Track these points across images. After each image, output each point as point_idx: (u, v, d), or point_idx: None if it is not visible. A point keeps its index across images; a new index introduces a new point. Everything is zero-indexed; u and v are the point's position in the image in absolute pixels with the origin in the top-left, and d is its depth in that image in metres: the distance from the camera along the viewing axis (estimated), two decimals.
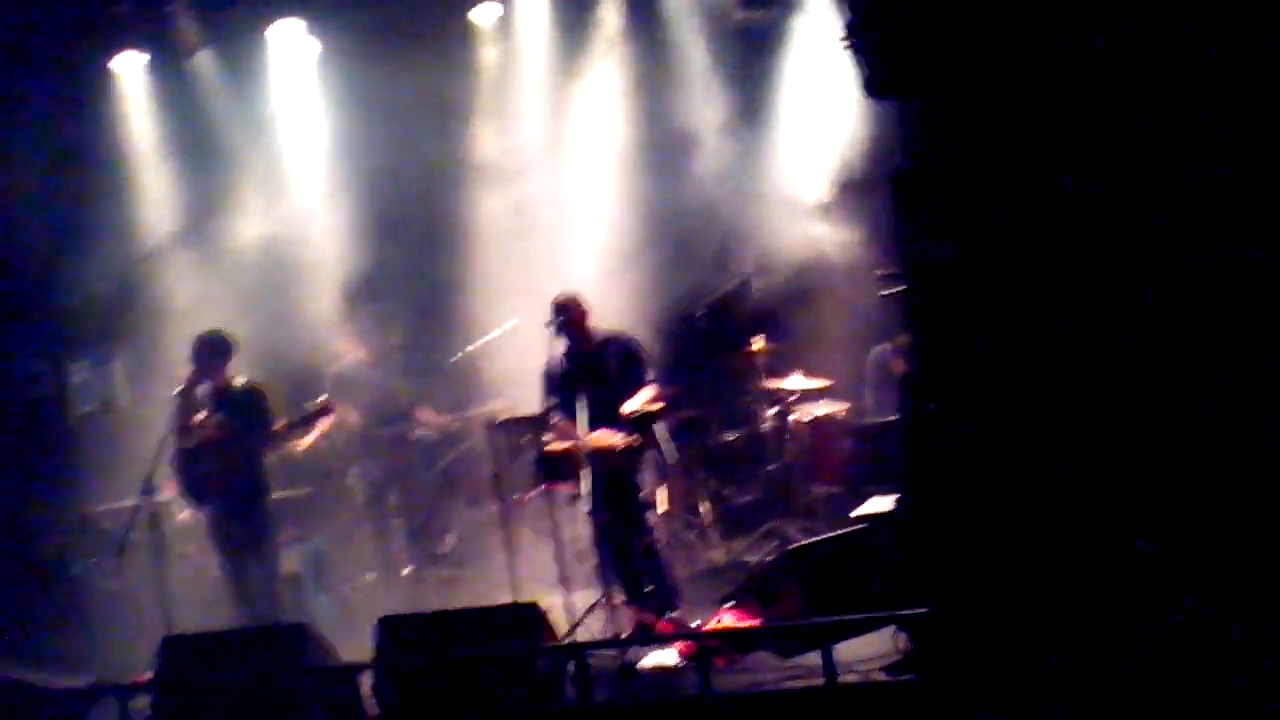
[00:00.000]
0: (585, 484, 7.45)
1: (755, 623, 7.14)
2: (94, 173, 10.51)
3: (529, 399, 8.67)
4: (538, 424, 8.13)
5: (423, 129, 10.45)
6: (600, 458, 7.58)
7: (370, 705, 6.83)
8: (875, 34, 6.40)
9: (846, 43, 6.52)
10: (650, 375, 8.11)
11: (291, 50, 10.68)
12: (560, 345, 8.06)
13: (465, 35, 10.76)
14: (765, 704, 6.34)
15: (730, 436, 10.47)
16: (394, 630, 6.99)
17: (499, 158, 10.64)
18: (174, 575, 8.47)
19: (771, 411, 9.76)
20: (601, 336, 8.12)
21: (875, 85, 6.48)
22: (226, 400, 8.68)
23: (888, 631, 6.56)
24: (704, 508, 10.25)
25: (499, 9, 10.72)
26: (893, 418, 9.26)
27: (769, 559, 9.09)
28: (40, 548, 9.22)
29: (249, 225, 10.69)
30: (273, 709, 6.81)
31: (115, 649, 8.74)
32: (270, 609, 8.62)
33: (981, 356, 6.10)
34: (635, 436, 7.89)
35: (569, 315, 7.96)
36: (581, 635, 7.47)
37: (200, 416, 8.63)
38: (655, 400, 8.03)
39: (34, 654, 8.19)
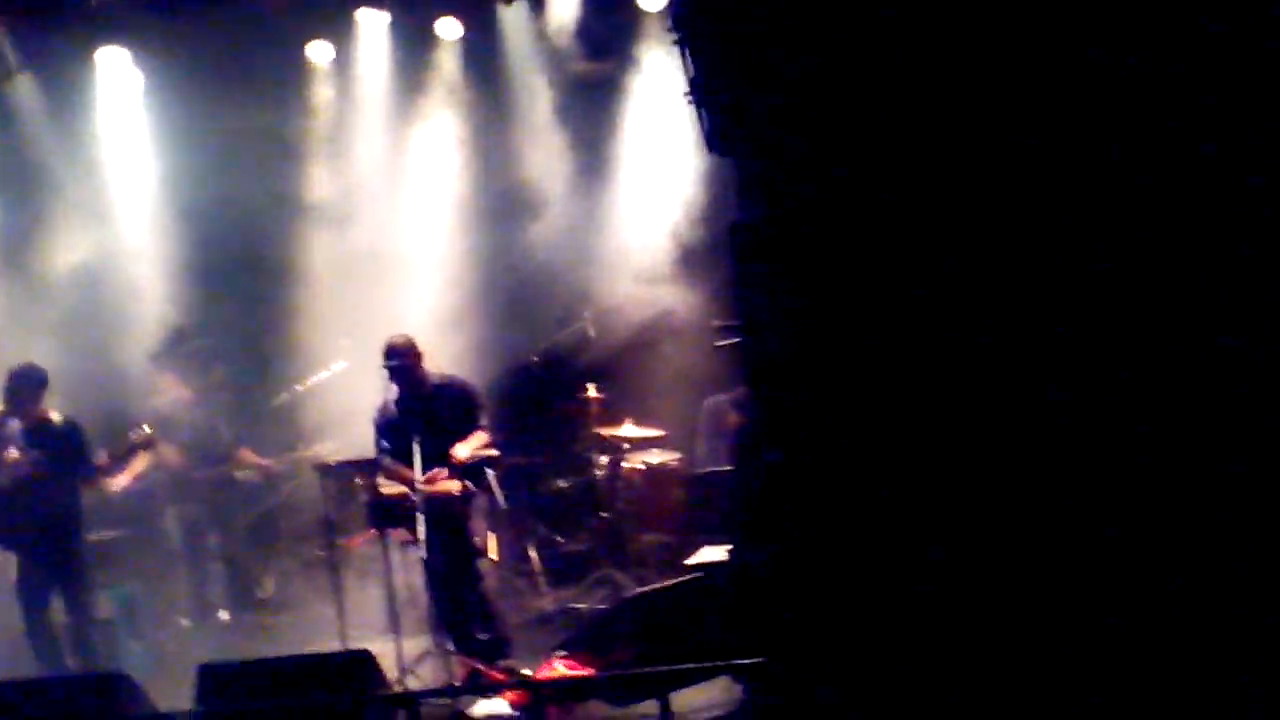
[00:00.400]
0: (420, 529, 7.32)
1: (589, 672, 7.10)
2: None
3: (355, 443, 8.59)
4: (368, 467, 8.01)
5: (253, 166, 10.33)
6: (435, 503, 7.49)
7: None
8: (716, 91, 6.53)
9: (689, 99, 6.65)
10: (484, 420, 8.07)
11: (117, 79, 10.35)
12: (393, 389, 7.95)
13: (300, 72, 10.58)
14: None
15: (562, 484, 10.45)
16: (215, 678, 6.71)
17: (332, 199, 10.51)
18: None
19: (604, 459, 9.77)
20: (436, 380, 8.05)
21: (715, 141, 6.61)
22: (43, 436, 8.38)
23: (722, 681, 6.61)
24: (533, 555, 10.21)
25: (332, 50, 10.56)
26: (725, 468, 9.36)
27: (603, 607, 9.14)
28: None
29: (66, 254, 10.32)
30: None
31: None
32: (82, 656, 8.32)
33: (819, 408, 6.23)
34: (468, 482, 7.83)
35: (403, 359, 7.86)
36: (412, 683, 7.34)
37: (12, 454, 8.28)
38: (487, 446, 7.98)
39: None
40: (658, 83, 10.19)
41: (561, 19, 10.23)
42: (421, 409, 7.89)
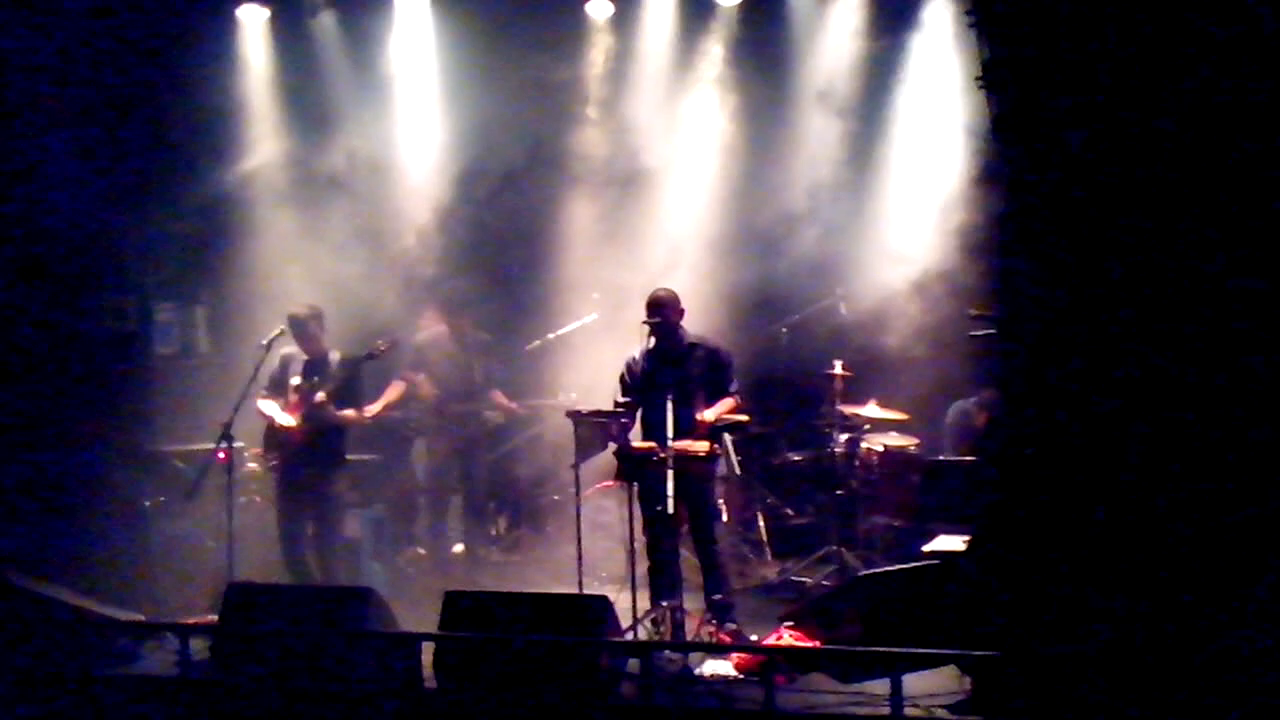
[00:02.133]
0: (669, 485, 7.44)
1: (818, 644, 7.14)
2: (199, 116, 10.56)
3: (598, 394, 8.79)
4: (612, 420, 8.17)
5: (529, 118, 10.59)
6: (683, 461, 7.61)
7: (429, 678, 6.86)
8: (1009, 77, 6.45)
9: (980, 83, 6.58)
10: (734, 386, 8.15)
11: (413, 22, 10.78)
12: (641, 344, 8.11)
13: (581, 29, 10.83)
14: None
15: (796, 457, 10.50)
16: (460, 605, 7.02)
17: (600, 158, 10.68)
18: (238, 523, 8.56)
19: (844, 437, 9.75)
20: (691, 340, 8.15)
21: (1003, 127, 6.53)
22: (322, 371, 8.86)
23: (950, 670, 6.56)
24: (761, 524, 10.30)
25: (611, 7, 10.78)
26: (967, 458, 9.25)
27: (828, 583, 9.16)
28: (112, 481, 9.28)
29: (343, 193, 10.72)
30: (333, 668, 6.85)
31: (172, 589, 8.88)
32: (326, 571, 8.76)
33: (1073, 402, 6.12)
34: (714, 444, 7.94)
35: (665, 313, 7.99)
36: (641, 634, 7.48)
37: (298, 384, 8.81)
38: (734, 411, 8.07)
39: (92, 584, 8.21)
40: (935, 65, 10.14)
41: None
42: (674, 366, 8.03)
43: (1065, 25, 6.10)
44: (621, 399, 8.11)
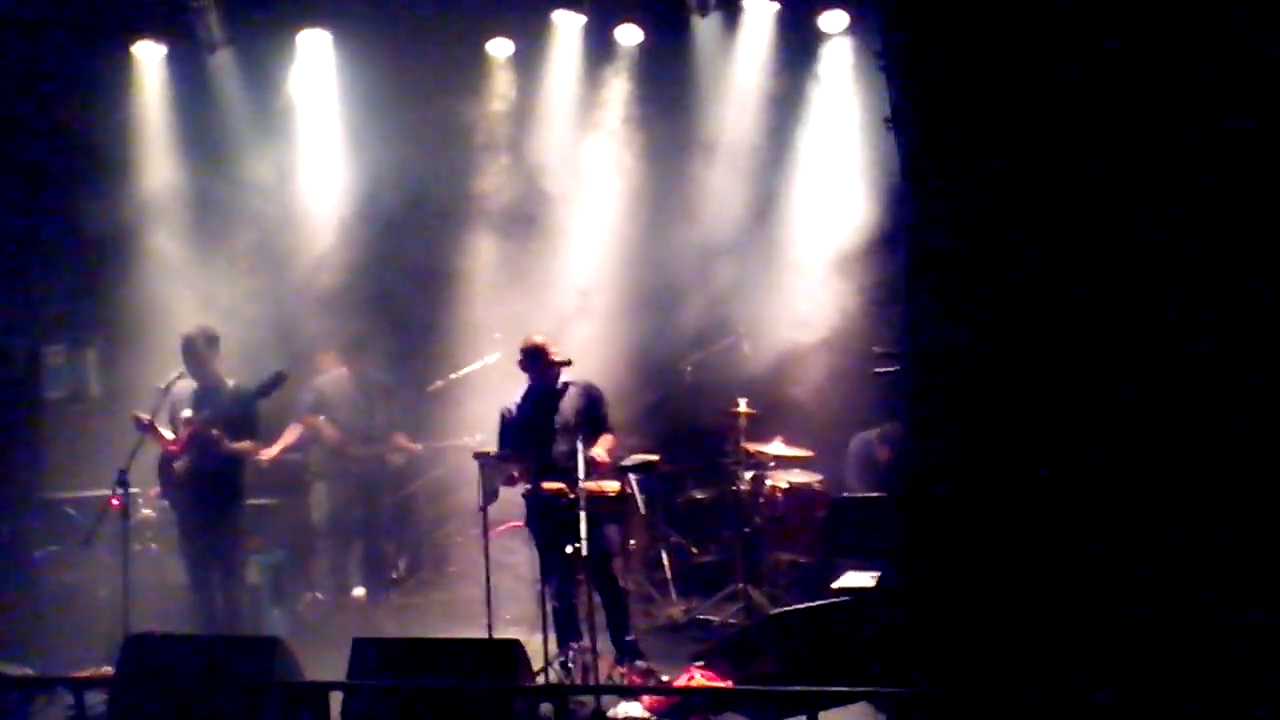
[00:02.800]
0: (583, 526, 7.39)
1: (729, 684, 7.14)
2: (90, 154, 10.33)
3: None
4: (524, 463, 8.11)
5: (431, 157, 10.50)
6: (594, 502, 7.57)
7: None
8: (916, 119, 6.55)
9: (889, 124, 6.68)
10: (609, 424, 8.19)
11: (315, 61, 10.69)
12: (519, 390, 8.18)
13: (482, 69, 10.81)
14: None
15: (701, 494, 10.51)
16: (369, 652, 6.87)
17: (503, 197, 10.67)
18: (134, 572, 8.30)
19: (748, 474, 9.78)
20: (565, 382, 8.19)
21: (910, 169, 6.62)
22: (214, 398, 8.53)
23: (862, 707, 6.59)
24: (666, 562, 10.28)
25: (511, 46, 10.76)
26: (872, 494, 9.34)
27: (734, 621, 9.17)
28: (0, 531, 8.99)
29: (244, 228, 10.57)
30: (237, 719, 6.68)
31: (65, 641, 8.59)
32: (231, 617, 8.51)
33: (985, 439, 6.20)
34: (623, 484, 7.95)
35: (538, 358, 8.04)
36: (552, 677, 7.41)
37: (185, 414, 8.50)
38: (614, 448, 8.11)
39: None
40: (835, 104, 10.30)
41: (754, 33, 10.37)
42: (551, 408, 8.07)
43: (975, 67, 6.20)
44: (499, 449, 8.11)
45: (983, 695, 5.90)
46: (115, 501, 8.18)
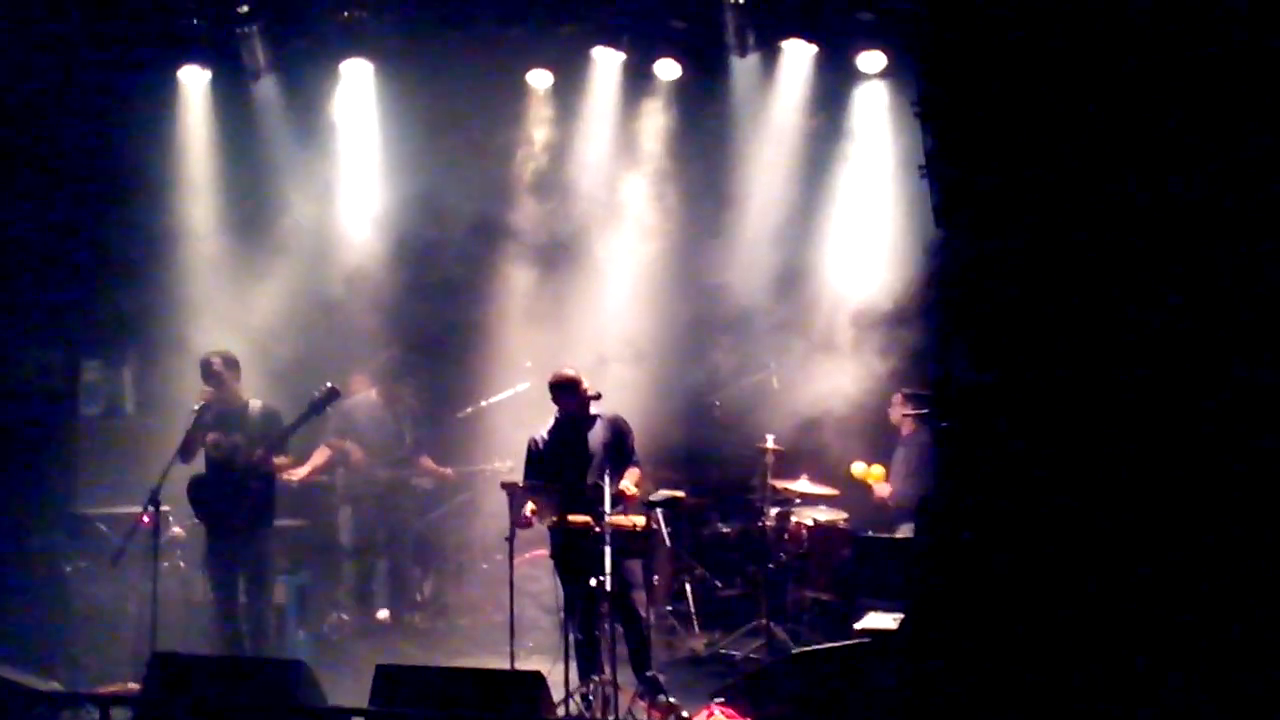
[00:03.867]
0: (607, 561, 7.43)
1: None
2: (132, 174, 10.49)
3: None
4: (552, 495, 8.16)
5: (471, 185, 10.63)
6: (620, 537, 7.61)
7: None
8: (951, 167, 6.60)
9: (923, 172, 6.73)
10: (636, 457, 8.25)
11: (357, 90, 10.82)
12: (547, 420, 8.25)
13: (521, 101, 10.90)
14: None
15: (726, 529, 10.53)
16: (392, 679, 6.92)
17: (538, 227, 10.75)
18: (162, 590, 8.38)
19: (774, 510, 9.80)
20: (594, 415, 8.24)
21: (943, 215, 6.66)
22: (242, 420, 8.62)
23: None
24: (689, 595, 10.30)
25: (550, 78, 10.86)
26: (898, 535, 9.35)
27: (755, 656, 9.17)
28: (32, 543, 9.08)
29: (281, 248, 10.71)
30: None
31: (93, 657, 8.69)
32: (257, 638, 8.57)
33: (1010, 484, 6.22)
34: (650, 518, 7.99)
35: (570, 391, 8.11)
36: (571, 709, 7.44)
37: (211, 437, 8.59)
38: (640, 480, 8.17)
39: (9, 651, 8.01)
40: (871, 146, 10.35)
41: (792, 74, 10.46)
42: (579, 440, 8.13)
43: (1009, 117, 6.25)
44: (526, 478, 8.15)
45: None
46: (146, 519, 8.28)
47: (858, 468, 9.89)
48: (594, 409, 8.22)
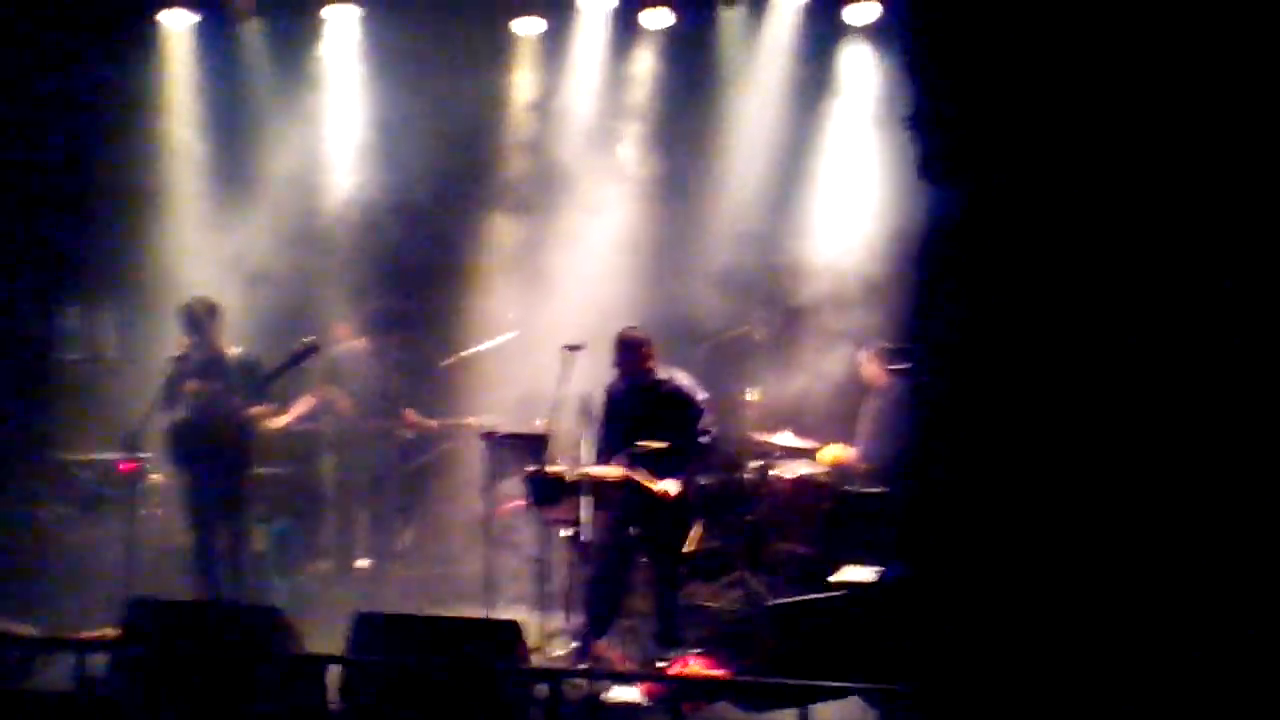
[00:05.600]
0: (584, 511, 7.45)
1: (725, 673, 7.18)
2: (113, 116, 10.39)
3: (511, 413, 8.74)
4: (528, 442, 8.14)
5: (458, 133, 10.46)
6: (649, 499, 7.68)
7: (334, 700, 6.76)
8: (936, 119, 6.55)
9: (907, 124, 6.67)
10: (700, 425, 8.17)
11: (341, 35, 10.73)
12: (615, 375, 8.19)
13: (508, 48, 10.82)
14: None
15: (705, 480, 10.50)
16: (370, 626, 6.94)
17: (524, 177, 10.71)
18: (140, 535, 8.37)
19: (754, 463, 9.79)
20: (657, 377, 8.19)
21: (928, 168, 6.62)
22: (221, 368, 8.60)
23: (856, 701, 6.62)
24: None
25: (543, 24, 10.77)
26: (877, 489, 9.34)
27: (734, 609, 9.20)
28: (9, 489, 9.05)
29: (266, 193, 10.63)
30: (235, 688, 6.73)
31: (70, 602, 8.68)
32: (235, 585, 8.60)
33: (988, 435, 6.22)
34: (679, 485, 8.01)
35: (635, 352, 8.06)
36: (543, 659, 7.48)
37: (191, 385, 8.55)
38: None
39: None
40: (857, 98, 10.29)
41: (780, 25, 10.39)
42: (638, 404, 8.09)
43: (997, 69, 6.20)
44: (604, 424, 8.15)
45: (974, 694, 5.93)
46: (124, 465, 8.26)
47: (826, 454, 9.84)
48: (661, 373, 8.16)
